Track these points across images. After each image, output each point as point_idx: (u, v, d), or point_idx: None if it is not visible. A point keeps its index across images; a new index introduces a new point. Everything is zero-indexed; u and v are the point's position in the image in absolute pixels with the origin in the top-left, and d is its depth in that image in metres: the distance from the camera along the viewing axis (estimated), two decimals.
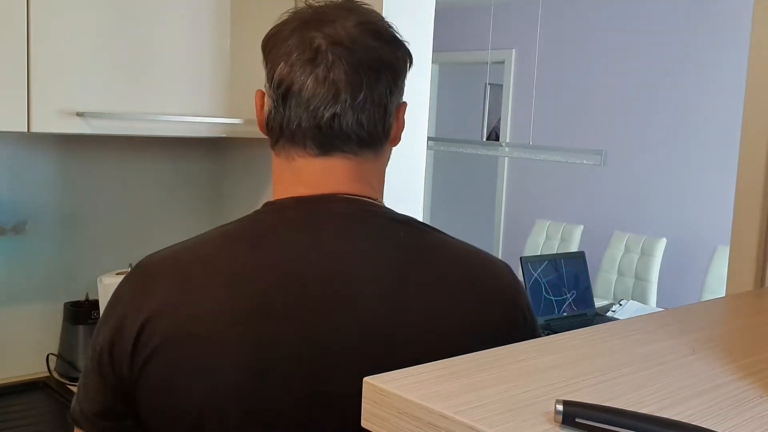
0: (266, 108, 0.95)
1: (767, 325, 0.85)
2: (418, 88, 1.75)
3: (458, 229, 6.57)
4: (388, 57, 0.93)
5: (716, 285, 4.07)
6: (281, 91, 0.91)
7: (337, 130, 0.90)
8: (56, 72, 1.54)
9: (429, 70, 1.77)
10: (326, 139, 0.91)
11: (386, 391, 0.58)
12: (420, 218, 1.76)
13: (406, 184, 1.76)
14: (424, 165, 1.78)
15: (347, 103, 0.90)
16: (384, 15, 1.63)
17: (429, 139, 2.66)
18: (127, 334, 0.85)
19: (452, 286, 0.91)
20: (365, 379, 0.60)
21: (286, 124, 0.92)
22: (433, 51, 1.76)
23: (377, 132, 0.93)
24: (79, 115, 1.56)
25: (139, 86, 1.66)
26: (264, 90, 0.96)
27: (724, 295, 1.15)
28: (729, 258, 1.18)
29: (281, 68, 0.91)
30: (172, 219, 2.09)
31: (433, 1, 1.76)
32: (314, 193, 0.92)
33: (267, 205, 0.94)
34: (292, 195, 0.93)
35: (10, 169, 1.85)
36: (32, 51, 1.51)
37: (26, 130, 1.52)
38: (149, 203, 2.06)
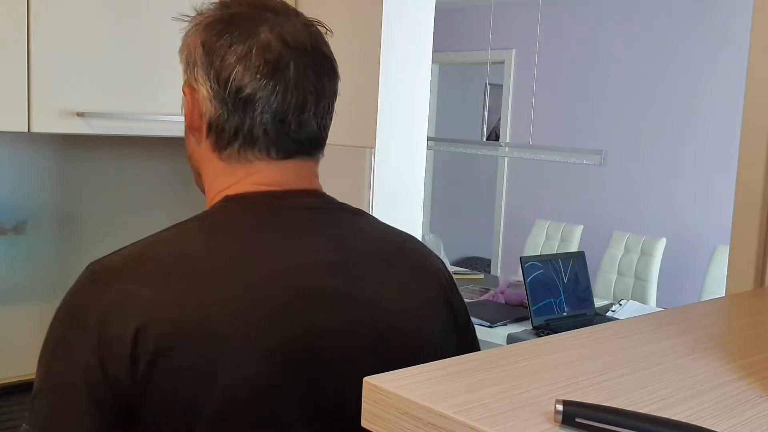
0: (208, 110, 0.90)
1: (767, 325, 0.85)
2: (418, 88, 1.75)
3: (458, 229, 6.55)
4: (334, 61, 0.95)
5: (716, 285, 4.07)
6: (242, 97, 0.88)
7: (303, 137, 0.91)
8: (56, 72, 1.54)
9: (429, 70, 1.77)
10: (292, 145, 0.91)
11: (386, 391, 0.58)
12: (420, 218, 1.76)
13: (406, 184, 1.76)
14: (424, 165, 1.78)
15: (311, 111, 0.90)
16: (384, 15, 1.63)
17: (429, 139, 2.66)
18: (118, 345, 0.78)
19: (412, 268, 0.97)
20: (365, 379, 0.60)
21: (248, 131, 0.89)
22: (433, 51, 1.76)
23: (327, 134, 0.96)
24: (79, 115, 1.56)
25: (139, 86, 1.66)
26: (197, 88, 0.90)
27: (724, 295, 1.15)
28: (729, 258, 1.18)
29: (238, 72, 0.87)
30: (172, 219, 2.08)
31: (433, 1, 1.76)
32: (276, 189, 0.91)
33: (229, 199, 0.92)
34: (250, 191, 0.91)
35: (10, 169, 1.85)
36: (32, 51, 1.51)
37: (26, 130, 1.52)
38: (149, 203, 2.06)
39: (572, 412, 0.52)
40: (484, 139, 6.87)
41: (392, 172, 1.86)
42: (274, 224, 0.90)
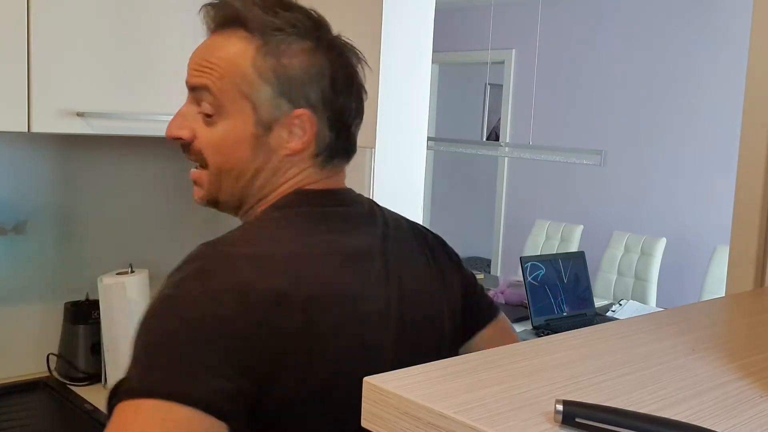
0: (319, 136, 0.96)
1: (767, 325, 0.85)
2: (418, 88, 1.75)
3: (458, 229, 6.56)
4: None
5: (716, 285, 4.07)
6: (334, 116, 0.96)
7: (351, 147, 1.02)
8: (56, 72, 1.54)
9: (429, 70, 1.77)
10: (345, 153, 1.01)
11: (386, 391, 0.58)
12: (420, 218, 1.76)
13: (406, 184, 1.76)
14: (424, 165, 1.78)
15: (358, 126, 1.02)
16: (384, 15, 1.63)
17: (429, 139, 2.66)
18: (260, 306, 0.82)
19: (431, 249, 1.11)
20: (365, 379, 0.60)
21: (349, 148, 1.00)
22: (433, 51, 1.76)
23: None
24: (79, 115, 1.56)
25: (139, 86, 1.66)
26: (307, 116, 0.95)
27: (724, 295, 1.15)
28: (729, 258, 1.18)
29: (327, 92, 0.95)
30: (172, 219, 2.09)
31: (433, 1, 1.76)
32: (333, 188, 1.01)
33: (304, 193, 0.98)
34: (321, 188, 0.99)
35: (10, 169, 1.85)
36: (32, 51, 1.51)
37: (26, 130, 1.52)
38: (149, 203, 2.06)
39: (572, 412, 0.53)
40: (484, 139, 6.87)
41: (392, 172, 1.86)
42: (348, 219, 1.00)
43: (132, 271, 1.86)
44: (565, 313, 3.44)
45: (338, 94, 0.96)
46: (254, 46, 0.94)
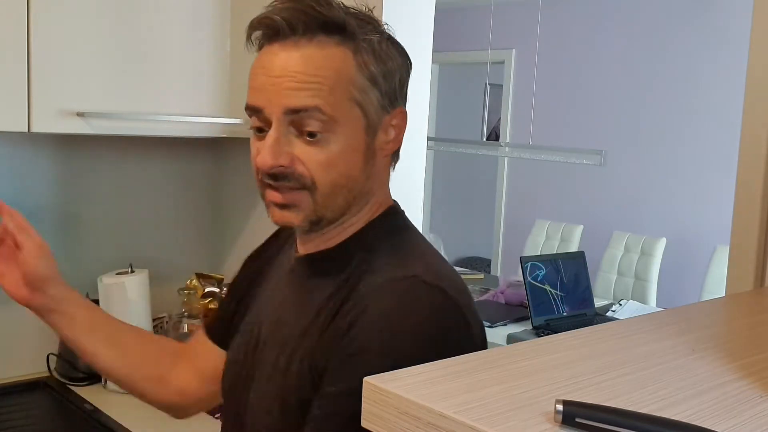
0: (403, 129, 0.97)
1: (767, 325, 0.85)
2: (418, 88, 1.75)
3: (458, 229, 6.54)
4: None
5: (716, 285, 4.07)
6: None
7: None
8: (56, 72, 1.54)
9: (429, 70, 1.77)
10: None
11: (386, 391, 0.58)
12: (420, 218, 1.76)
13: (406, 184, 1.75)
14: (424, 165, 1.78)
15: None
16: (384, 15, 1.63)
17: (429, 139, 2.66)
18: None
19: None
20: (365, 379, 0.60)
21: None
22: (433, 51, 1.76)
23: None
24: (79, 115, 1.56)
25: (139, 86, 1.66)
26: (403, 113, 0.96)
27: (724, 295, 1.15)
28: (729, 258, 1.18)
29: (406, 86, 0.96)
30: (172, 219, 2.09)
31: (433, 1, 1.76)
32: None
33: (399, 209, 1.02)
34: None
35: (11, 169, 1.85)
36: (32, 51, 1.51)
37: (26, 130, 1.52)
38: (149, 203, 2.06)
39: (572, 412, 0.52)
40: (484, 139, 6.86)
41: (392, 172, 1.86)
42: None
43: (132, 271, 1.86)
44: (565, 313, 3.44)
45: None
46: (350, 50, 0.89)
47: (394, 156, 0.98)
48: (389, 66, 0.92)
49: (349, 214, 0.95)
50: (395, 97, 0.93)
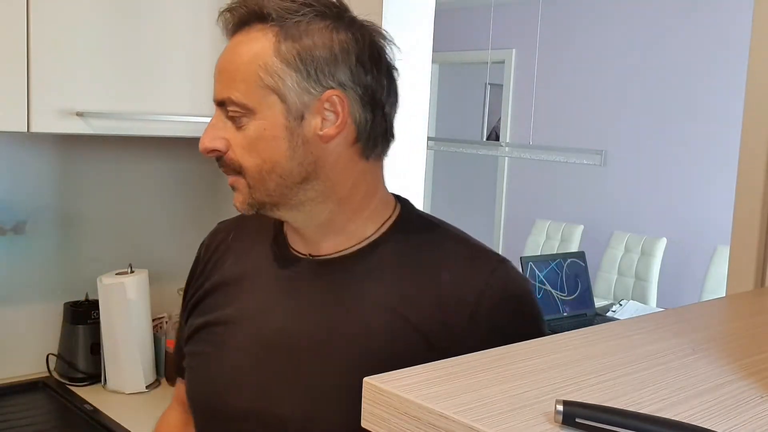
0: (354, 118, 0.92)
1: (767, 325, 0.85)
2: (418, 88, 1.75)
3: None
4: None
5: (716, 285, 4.07)
6: (366, 95, 0.92)
7: (391, 133, 0.99)
8: (55, 72, 1.54)
9: (429, 70, 1.77)
10: (389, 143, 1.00)
11: (386, 391, 0.58)
12: None
13: (406, 184, 1.75)
14: (424, 165, 1.78)
15: (393, 105, 0.99)
16: (384, 15, 1.63)
17: (429, 139, 2.66)
18: None
19: None
20: (365, 379, 0.60)
21: (387, 131, 0.97)
22: (433, 51, 1.76)
23: None
24: (79, 115, 1.56)
25: (138, 86, 1.66)
26: (338, 97, 0.90)
27: (724, 295, 1.15)
28: (729, 258, 1.18)
29: (355, 69, 0.91)
30: (172, 219, 2.09)
31: (433, 1, 1.76)
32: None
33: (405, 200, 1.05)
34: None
35: (10, 169, 1.85)
36: (32, 51, 1.51)
37: (26, 130, 1.52)
38: (149, 203, 2.06)
39: (572, 413, 0.52)
40: (484, 139, 6.86)
41: (392, 171, 1.86)
42: None
43: (132, 271, 1.86)
44: (565, 313, 3.44)
45: (367, 72, 0.91)
46: (273, 34, 0.89)
47: (369, 143, 0.94)
48: (313, 47, 0.89)
49: (318, 201, 0.95)
50: (324, 80, 0.89)
